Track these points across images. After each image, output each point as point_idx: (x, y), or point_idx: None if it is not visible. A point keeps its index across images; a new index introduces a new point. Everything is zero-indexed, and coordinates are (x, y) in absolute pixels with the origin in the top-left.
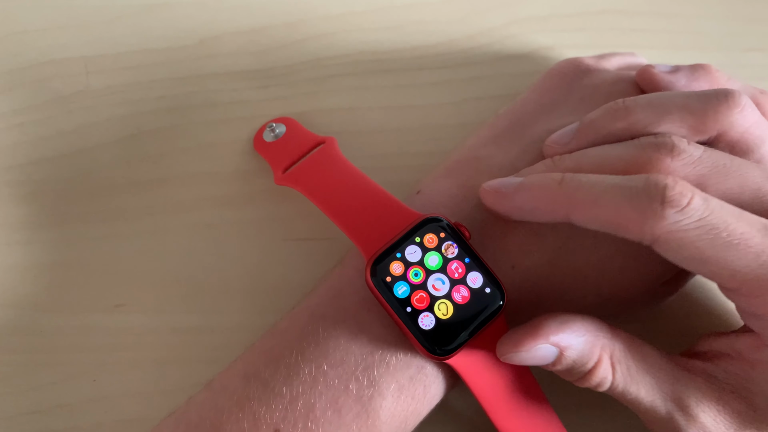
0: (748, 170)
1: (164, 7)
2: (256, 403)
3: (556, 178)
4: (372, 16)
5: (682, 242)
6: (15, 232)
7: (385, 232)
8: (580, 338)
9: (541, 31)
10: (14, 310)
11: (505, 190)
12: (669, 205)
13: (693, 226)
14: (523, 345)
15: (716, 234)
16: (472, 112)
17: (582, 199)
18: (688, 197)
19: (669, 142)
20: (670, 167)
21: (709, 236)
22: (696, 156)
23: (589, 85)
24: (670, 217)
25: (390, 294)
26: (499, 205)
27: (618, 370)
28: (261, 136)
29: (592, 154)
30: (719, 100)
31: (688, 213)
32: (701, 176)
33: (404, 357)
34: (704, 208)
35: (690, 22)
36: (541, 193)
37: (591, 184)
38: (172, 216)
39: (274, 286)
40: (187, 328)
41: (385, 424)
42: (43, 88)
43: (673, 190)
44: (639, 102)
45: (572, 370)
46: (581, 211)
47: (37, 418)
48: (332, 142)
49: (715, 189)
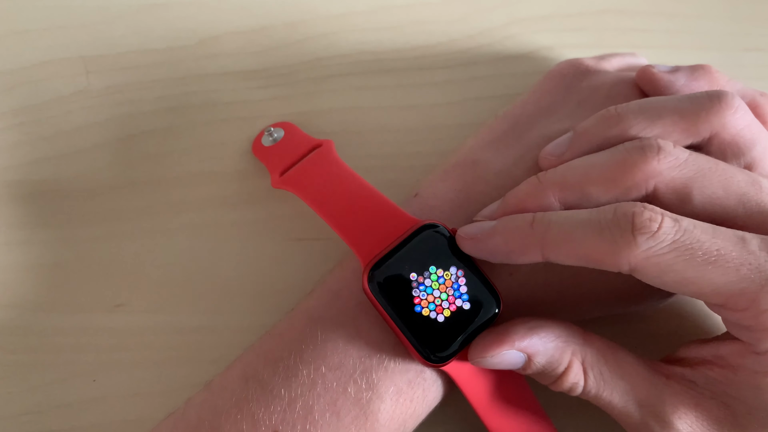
0: (734, 174)
1: (164, 7)
2: (255, 404)
3: (527, 220)
4: (372, 16)
5: (660, 267)
6: (15, 232)
7: (382, 237)
8: (549, 344)
9: (541, 31)
10: (14, 310)
11: (480, 236)
12: (639, 233)
13: (667, 249)
14: (489, 350)
15: (692, 254)
16: (472, 112)
17: (554, 238)
18: (657, 221)
19: (654, 145)
20: (656, 169)
21: (685, 257)
22: (682, 159)
23: (588, 87)
24: (642, 245)
25: (386, 301)
26: (476, 251)
27: (590, 375)
28: (260, 140)
29: (577, 165)
30: (711, 102)
31: (660, 237)
32: (687, 179)
33: (402, 361)
34: (676, 229)
35: (690, 22)
36: (514, 236)
37: (561, 222)
38: (172, 216)
39: (273, 286)
40: (187, 328)
41: (384, 426)
42: (43, 88)
43: (641, 216)
44: (631, 108)
45: (543, 374)
46: (555, 250)
47: (37, 418)
48: (329, 145)
49: (700, 193)
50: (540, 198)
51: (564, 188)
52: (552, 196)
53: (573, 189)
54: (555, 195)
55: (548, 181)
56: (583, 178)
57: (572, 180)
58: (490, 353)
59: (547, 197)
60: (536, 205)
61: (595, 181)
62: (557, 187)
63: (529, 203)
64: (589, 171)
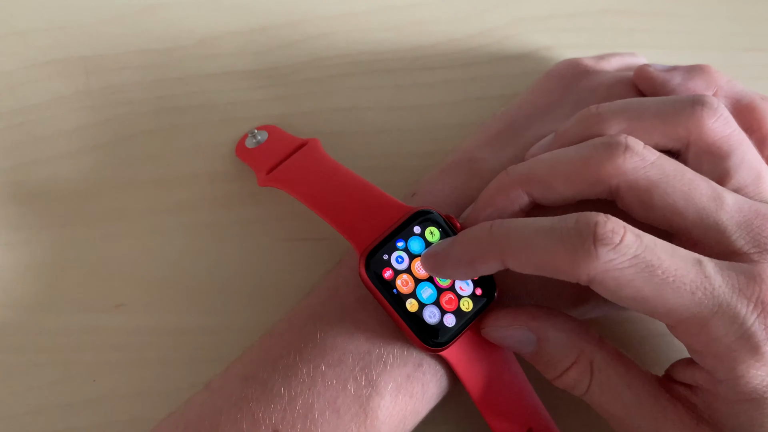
0: (698, 186)
1: (164, 7)
2: (255, 403)
3: (485, 227)
4: (372, 16)
5: (618, 281)
6: (15, 232)
7: (376, 226)
8: (561, 333)
9: (541, 31)
10: (14, 310)
11: (441, 251)
12: (601, 243)
13: (627, 264)
14: (501, 322)
15: (651, 272)
16: (472, 112)
17: (513, 244)
18: (620, 234)
19: (622, 143)
20: (620, 168)
21: (644, 274)
22: (648, 161)
23: (586, 87)
24: (603, 256)
25: (384, 287)
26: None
27: (596, 377)
28: (243, 143)
29: (545, 158)
30: (693, 108)
31: (621, 251)
32: (650, 183)
33: (401, 354)
34: (637, 244)
35: (690, 22)
36: (473, 245)
37: (521, 229)
38: (172, 216)
39: (273, 286)
40: (187, 328)
41: (384, 423)
42: (43, 88)
43: (604, 227)
44: (612, 108)
45: (549, 364)
46: (514, 257)
47: (37, 418)
48: (315, 143)
49: (661, 200)
50: (507, 191)
51: (530, 181)
52: (520, 188)
53: (539, 182)
54: (522, 188)
55: (516, 174)
56: (549, 172)
57: (539, 173)
58: (503, 324)
59: (514, 190)
60: (504, 199)
61: (560, 175)
62: (523, 180)
63: (499, 198)
64: (555, 165)
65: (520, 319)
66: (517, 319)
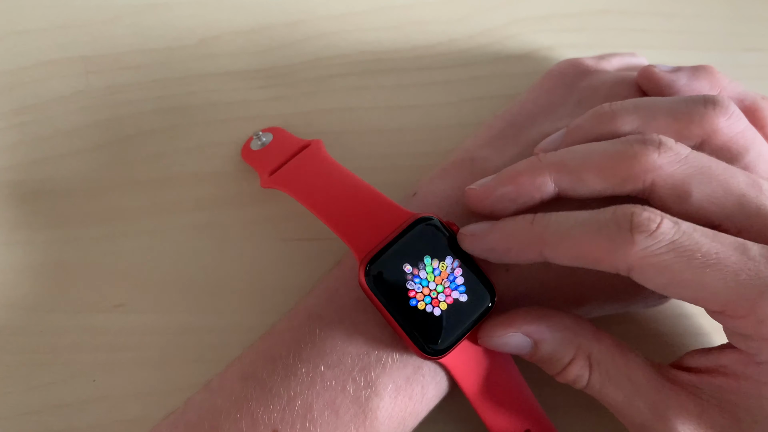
0: (734, 175)
1: (164, 7)
2: (254, 403)
3: (527, 219)
4: (372, 16)
5: (657, 267)
6: (15, 232)
7: (376, 231)
8: (557, 333)
9: (541, 31)
10: (14, 310)
11: (479, 233)
12: (637, 231)
13: (665, 249)
14: (496, 331)
15: (690, 255)
16: (472, 112)
17: (553, 236)
18: (656, 221)
19: (656, 139)
20: (656, 163)
21: (683, 258)
22: (683, 155)
23: (587, 86)
24: (640, 243)
25: (383, 295)
26: (476, 248)
27: (596, 370)
28: (248, 145)
29: (578, 150)
30: (706, 107)
31: (658, 237)
32: (687, 176)
33: (400, 357)
34: (675, 230)
35: (690, 22)
36: (514, 234)
37: (561, 221)
38: (172, 216)
39: (273, 286)
40: (187, 328)
41: (383, 424)
42: (43, 88)
43: (640, 216)
44: (625, 106)
45: (549, 363)
46: (553, 248)
47: (37, 418)
48: (318, 144)
49: (699, 191)
50: (536, 175)
51: (561, 170)
52: (548, 175)
53: (570, 172)
54: (551, 176)
55: (547, 161)
56: (581, 163)
57: (571, 163)
58: (497, 334)
59: (543, 175)
60: (530, 183)
61: (593, 168)
62: (555, 168)
63: (524, 179)
64: (588, 157)
65: (514, 325)
66: (511, 325)
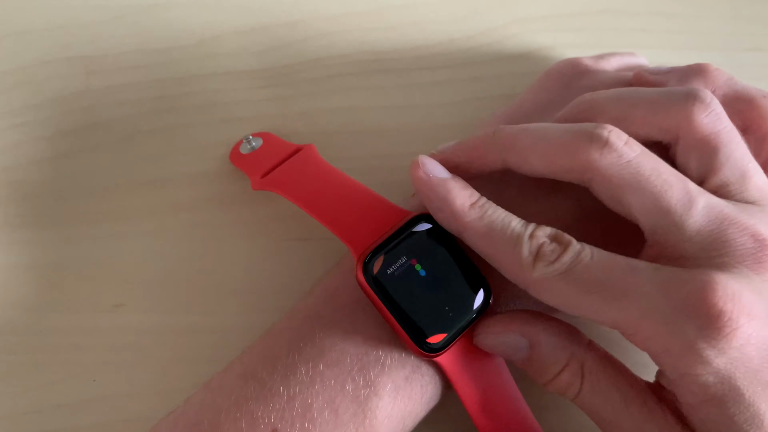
0: (671, 188)
1: (164, 7)
2: (254, 402)
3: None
4: (372, 16)
5: (548, 291)
6: (15, 232)
7: (373, 230)
8: (553, 337)
9: (541, 31)
10: (14, 310)
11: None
12: (540, 260)
13: (557, 278)
14: (492, 329)
15: (577, 284)
16: (472, 112)
17: (516, 142)
18: (557, 252)
19: (603, 136)
20: (596, 163)
21: (568, 286)
22: (625, 159)
23: (586, 86)
24: (538, 270)
25: (381, 291)
26: (438, 167)
27: (587, 380)
28: (238, 149)
29: (532, 130)
30: (686, 101)
31: (555, 266)
32: (622, 182)
33: (399, 357)
34: (572, 261)
35: (690, 22)
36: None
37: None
38: (172, 216)
39: (273, 286)
40: (187, 328)
41: (382, 424)
42: (43, 88)
43: (546, 247)
44: (607, 95)
45: (541, 369)
46: (515, 152)
47: (37, 418)
48: (311, 148)
49: (631, 200)
50: (487, 152)
51: (510, 150)
52: (498, 154)
53: (518, 154)
54: (501, 153)
55: (500, 137)
56: (530, 146)
57: (521, 144)
58: (495, 331)
59: (493, 153)
60: (480, 159)
61: (540, 153)
62: (505, 148)
63: (474, 153)
64: (537, 141)
65: (512, 325)
66: (509, 325)
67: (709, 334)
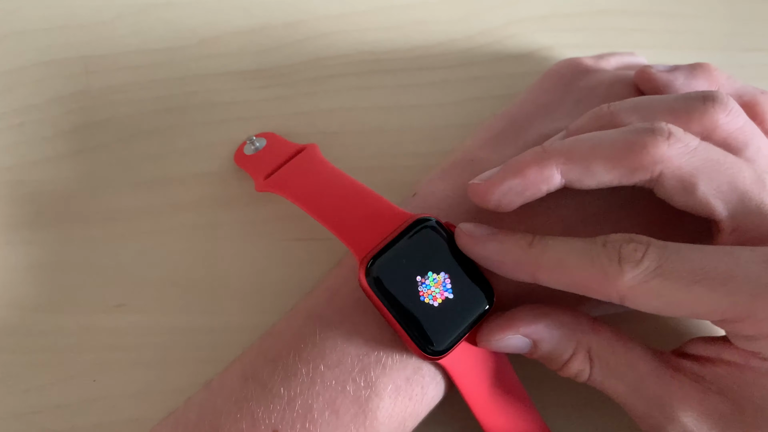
0: (741, 170)
1: (164, 7)
2: (255, 403)
3: (527, 239)
4: (372, 16)
5: (647, 295)
6: (15, 232)
7: (376, 232)
8: (555, 331)
9: (541, 31)
10: (14, 310)
11: (477, 236)
12: (625, 262)
13: (652, 276)
14: (495, 334)
15: (677, 276)
16: (472, 112)
17: (548, 262)
18: (642, 250)
19: (665, 129)
20: (666, 153)
21: (670, 281)
22: (692, 146)
23: (586, 86)
24: (627, 273)
25: (383, 294)
26: (471, 250)
27: (596, 364)
28: (242, 150)
29: (585, 139)
30: (705, 104)
31: (644, 265)
32: (695, 168)
33: (400, 358)
34: (659, 255)
35: (690, 22)
36: (510, 251)
37: (557, 247)
38: (172, 216)
39: (273, 286)
40: (187, 328)
41: (383, 425)
42: (43, 88)
43: (627, 248)
44: (624, 106)
45: (550, 359)
46: (548, 274)
47: (37, 418)
48: (314, 148)
49: (706, 185)
50: (543, 166)
51: (569, 160)
52: (555, 166)
53: (577, 162)
54: (558, 166)
55: (553, 150)
56: (589, 153)
57: (578, 153)
58: (496, 337)
59: (549, 167)
60: (538, 175)
61: (601, 158)
62: (562, 158)
63: (531, 170)
64: (596, 146)
65: (512, 327)
66: (509, 328)
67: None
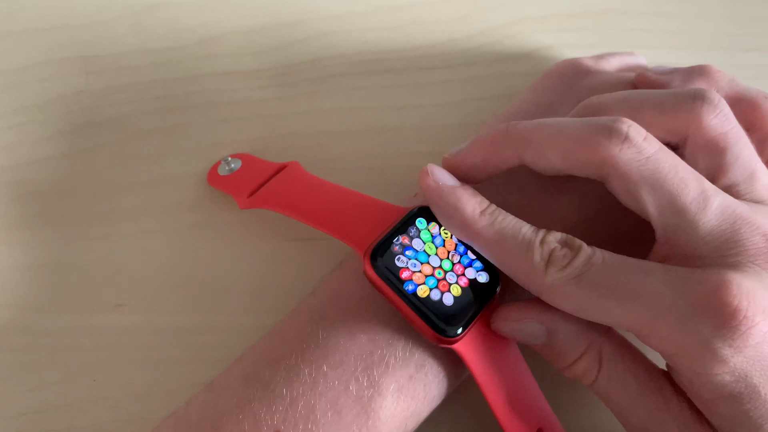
0: (687, 185)
1: (164, 7)
2: (257, 404)
3: (483, 207)
4: (372, 16)
5: (561, 296)
6: (15, 232)
7: (375, 228)
8: (570, 325)
9: (541, 31)
10: (14, 310)
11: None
12: (552, 265)
13: (570, 282)
14: (511, 315)
15: (592, 287)
16: (472, 112)
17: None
18: (569, 257)
19: (623, 131)
20: (615, 158)
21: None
22: (645, 154)
23: (586, 86)
24: (550, 275)
25: (390, 283)
26: (429, 193)
27: (605, 367)
28: (215, 170)
29: (547, 125)
30: (695, 102)
31: (567, 270)
32: (640, 179)
33: (402, 356)
34: (584, 265)
35: (690, 22)
36: (462, 210)
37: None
38: (172, 216)
39: (274, 286)
40: (187, 328)
41: (386, 424)
42: (43, 88)
43: (558, 253)
44: (614, 98)
45: (559, 355)
46: (483, 243)
47: (37, 418)
48: (297, 164)
49: (647, 197)
50: (501, 149)
51: (526, 145)
52: (512, 150)
53: (534, 148)
54: (517, 151)
55: (515, 132)
56: (546, 140)
57: (536, 138)
58: (513, 317)
59: (507, 151)
60: (496, 156)
61: (556, 147)
62: (520, 143)
63: (489, 150)
64: (554, 135)
65: (530, 313)
66: (527, 313)
67: (725, 332)
